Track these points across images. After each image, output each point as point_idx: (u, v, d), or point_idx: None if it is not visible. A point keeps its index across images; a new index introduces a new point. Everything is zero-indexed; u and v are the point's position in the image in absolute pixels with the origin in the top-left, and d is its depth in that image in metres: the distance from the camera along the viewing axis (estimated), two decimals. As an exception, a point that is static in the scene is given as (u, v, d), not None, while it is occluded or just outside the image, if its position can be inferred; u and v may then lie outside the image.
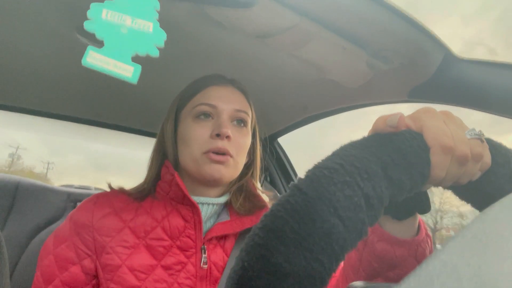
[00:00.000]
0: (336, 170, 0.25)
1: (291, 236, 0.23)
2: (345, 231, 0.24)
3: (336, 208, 0.24)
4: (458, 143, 0.30)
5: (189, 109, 0.70)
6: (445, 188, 0.34)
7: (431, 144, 0.30)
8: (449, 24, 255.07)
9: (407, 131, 0.30)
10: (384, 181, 0.26)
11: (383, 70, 0.74)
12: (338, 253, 0.24)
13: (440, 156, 0.29)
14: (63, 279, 0.62)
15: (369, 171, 0.26)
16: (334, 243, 0.23)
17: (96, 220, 0.64)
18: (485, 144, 0.32)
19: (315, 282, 0.23)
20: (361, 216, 0.25)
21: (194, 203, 0.65)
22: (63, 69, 0.95)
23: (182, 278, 0.61)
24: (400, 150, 0.28)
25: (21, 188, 1.05)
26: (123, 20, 0.45)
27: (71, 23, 0.74)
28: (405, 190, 0.28)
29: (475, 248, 0.18)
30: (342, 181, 0.25)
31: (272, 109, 1.14)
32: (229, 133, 0.65)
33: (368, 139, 0.29)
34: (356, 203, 0.24)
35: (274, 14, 0.62)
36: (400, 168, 0.27)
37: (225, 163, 0.65)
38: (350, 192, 0.24)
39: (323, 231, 0.23)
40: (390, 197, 0.27)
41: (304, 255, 0.23)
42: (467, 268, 0.17)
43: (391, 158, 0.27)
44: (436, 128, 0.30)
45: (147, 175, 0.72)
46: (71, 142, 6.86)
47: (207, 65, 0.87)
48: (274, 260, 0.22)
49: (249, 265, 0.23)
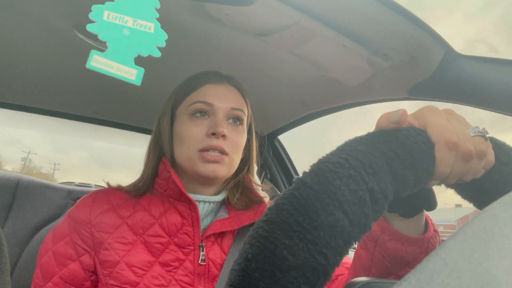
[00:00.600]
0: (341, 164, 0.25)
1: (296, 229, 0.23)
2: (349, 225, 0.24)
3: (340, 202, 0.24)
4: (462, 140, 0.30)
5: (185, 107, 0.70)
6: (448, 186, 0.34)
7: (435, 140, 0.30)
8: (451, 22, 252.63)
9: (411, 128, 0.30)
10: (388, 176, 0.26)
11: (383, 67, 0.74)
12: (342, 247, 0.24)
13: (445, 152, 0.29)
14: (62, 275, 0.62)
15: (374, 166, 0.26)
16: (338, 236, 0.23)
17: (94, 217, 0.65)
18: (489, 142, 0.32)
19: (319, 275, 0.23)
20: (366, 211, 0.25)
21: (192, 200, 0.65)
22: (64, 67, 0.95)
23: (180, 275, 0.62)
24: (405, 146, 0.28)
25: (22, 186, 1.05)
26: (125, 22, 0.46)
27: (71, 21, 0.74)
28: (409, 186, 0.28)
29: (476, 245, 0.18)
30: (347, 175, 0.25)
31: (273, 106, 1.14)
32: (225, 132, 0.65)
33: (373, 135, 0.29)
34: (360, 197, 0.24)
35: (274, 12, 0.62)
36: (405, 164, 0.27)
37: (220, 162, 0.65)
38: (355, 186, 0.24)
39: (328, 225, 0.23)
40: (394, 193, 0.27)
41: (308, 248, 0.23)
42: (467, 265, 0.17)
43: (396, 154, 0.27)
44: (440, 125, 0.30)
45: (143, 172, 0.72)
46: (75, 140, 6.85)
47: (207, 62, 0.87)
48: (278, 252, 0.22)
49: (253, 257, 0.23)
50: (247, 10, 0.62)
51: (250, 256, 0.23)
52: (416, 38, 0.63)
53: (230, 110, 0.69)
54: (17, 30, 0.79)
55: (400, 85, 0.78)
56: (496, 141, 0.33)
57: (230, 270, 0.24)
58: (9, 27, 0.77)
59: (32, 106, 1.22)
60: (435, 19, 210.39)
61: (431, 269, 0.17)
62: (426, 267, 0.17)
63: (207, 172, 0.65)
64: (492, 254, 0.17)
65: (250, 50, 0.80)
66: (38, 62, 0.93)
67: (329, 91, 0.95)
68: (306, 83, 0.94)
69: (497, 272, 0.16)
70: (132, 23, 0.46)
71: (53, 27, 0.76)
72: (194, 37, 0.77)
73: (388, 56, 0.70)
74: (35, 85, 1.07)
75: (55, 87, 1.08)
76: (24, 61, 0.93)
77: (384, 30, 0.63)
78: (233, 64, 0.87)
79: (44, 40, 0.82)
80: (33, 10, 0.71)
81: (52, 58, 0.91)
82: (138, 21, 0.46)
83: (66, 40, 0.80)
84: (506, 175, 0.31)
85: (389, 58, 0.71)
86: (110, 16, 0.45)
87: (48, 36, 0.80)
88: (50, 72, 0.99)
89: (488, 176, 0.32)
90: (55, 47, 0.85)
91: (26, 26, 0.77)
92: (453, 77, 0.66)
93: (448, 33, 70.80)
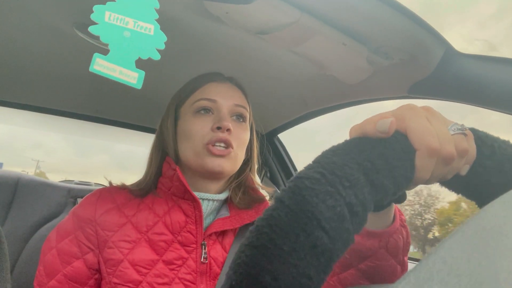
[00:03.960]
0: (318, 180, 0.25)
1: (276, 253, 0.22)
2: (330, 243, 0.23)
3: (319, 220, 0.23)
4: (444, 143, 0.29)
5: (189, 105, 0.70)
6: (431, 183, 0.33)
7: (417, 146, 0.28)
8: (464, 28, 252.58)
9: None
10: (367, 187, 0.26)
11: (383, 66, 0.74)
12: (325, 265, 0.23)
13: (426, 159, 0.28)
14: (66, 273, 0.63)
15: (350, 179, 0.25)
16: (320, 255, 0.23)
17: (99, 215, 0.65)
18: (470, 137, 0.30)
19: None
20: (346, 225, 0.24)
21: (196, 198, 0.65)
22: (65, 66, 0.95)
23: (182, 273, 0.62)
24: (382, 155, 0.27)
25: (22, 184, 1.05)
26: (125, 23, 0.46)
27: (72, 20, 0.73)
28: (389, 194, 0.28)
29: (475, 244, 0.18)
30: (323, 191, 0.24)
31: (272, 105, 1.14)
32: (230, 126, 0.66)
33: (348, 144, 0.28)
34: (339, 213, 0.24)
35: (274, 10, 0.62)
36: (383, 173, 0.27)
37: (226, 156, 0.66)
38: (332, 203, 0.24)
39: (308, 245, 0.23)
40: (374, 202, 0.27)
41: (291, 272, 0.22)
42: (466, 264, 0.17)
43: (372, 164, 0.27)
44: (421, 129, 0.29)
45: (146, 171, 0.72)
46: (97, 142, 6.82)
47: (207, 60, 0.87)
48: (261, 278, 0.22)
49: (237, 284, 0.23)
50: (247, 9, 0.62)
51: (234, 283, 0.23)
52: (416, 37, 0.63)
53: (233, 107, 0.70)
54: (17, 29, 0.79)
55: (400, 83, 0.78)
56: (478, 133, 0.32)
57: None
58: (10, 26, 0.77)
59: (36, 105, 1.22)
60: (449, 25, 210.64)
61: (430, 267, 0.17)
62: (426, 265, 0.17)
63: (214, 166, 0.65)
64: (492, 252, 0.17)
65: (250, 48, 0.80)
66: (39, 61, 0.93)
67: (329, 90, 0.95)
68: (306, 81, 0.94)
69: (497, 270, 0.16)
70: (133, 25, 0.47)
71: (52, 26, 0.76)
72: (194, 35, 0.77)
73: (388, 54, 0.70)
74: (36, 83, 1.07)
75: (57, 86, 1.08)
76: (24, 60, 0.93)
77: (384, 29, 0.63)
78: (233, 63, 0.87)
79: (45, 39, 0.82)
80: (35, 10, 0.71)
81: (52, 57, 0.91)
82: (139, 23, 0.47)
83: (67, 39, 0.80)
84: (490, 168, 0.31)
85: (389, 57, 0.71)
86: (112, 17, 0.46)
87: (48, 35, 0.80)
88: (50, 71, 0.98)
89: (471, 170, 0.31)
90: (55, 46, 0.85)
91: (27, 25, 0.77)
92: (453, 76, 0.66)
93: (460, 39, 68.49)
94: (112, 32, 0.46)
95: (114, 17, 0.46)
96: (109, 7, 0.46)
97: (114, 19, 0.46)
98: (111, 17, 0.46)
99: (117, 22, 0.46)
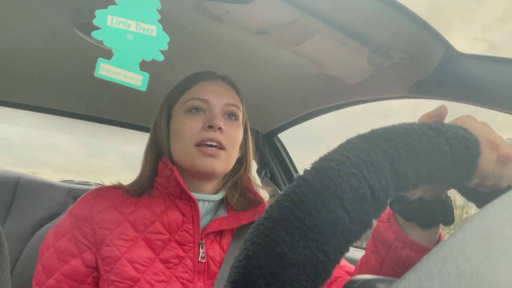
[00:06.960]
0: (343, 162, 0.25)
1: (297, 226, 0.23)
2: (350, 223, 0.24)
3: (341, 199, 0.24)
4: (502, 143, 0.33)
5: (180, 104, 0.70)
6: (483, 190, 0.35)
7: (479, 139, 0.31)
8: (469, 32, 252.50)
9: (417, 126, 0.30)
10: (390, 174, 0.26)
11: (383, 65, 0.74)
12: (343, 244, 0.24)
13: (488, 151, 0.31)
14: (64, 271, 0.63)
15: (375, 164, 0.26)
16: (339, 234, 0.23)
17: (96, 213, 0.65)
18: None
19: (319, 272, 0.23)
20: (367, 208, 0.25)
21: (193, 197, 0.65)
22: (66, 65, 0.95)
23: (180, 272, 0.62)
24: (407, 144, 0.28)
25: (22, 184, 1.05)
26: (128, 26, 0.47)
27: (72, 20, 0.73)
28: (410, 184, 0.28)
29: (476, 244, 0.18)
30: (348, 173, 0.25)
31: (272, 105, 1.13)
32: (221, 125, 0.66)
33: (375, 133, 0.29)
34: (361, 195, 0.24)
35: (274, 9, 0.62)
36: (407, 162, 0.27)
37: (217, 156, 0.65)
38: (356, 184, 0.24)
39: (329, 222, 0.23)
40: (395, 191, 0.27)
41: (309, 245, 0.23)
42: (467, 264, 0.17)
43: (397, 152, 0.27)
44: (481, 127, 0.33)
45: (141, 171, 0.72)
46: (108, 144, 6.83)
47: (207, 60, 0.87)
48: (279, 249, 0.22)
49: (254, 254, 0.23)
50: (247, 8, 0.62)
51: (251, 253, 0.23)
52: (417, 37, 0.63)
53: (225, 106, 0.70)
54: (17, 29, 0.78)
55: (400, 83, 0.78)
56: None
57: (230, 267, 0.24)
58: (10, 26, 0.77)
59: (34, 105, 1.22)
60: (455, 29, 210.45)
61: (431, 267, 0.17)
62: (426, 265, 0.17)
63: (205, 166, 0.65)
64: (492, 252, 0.17)
65: (250, 48, 0.80)
66: (39, 60, 0.93)
67: (329, 89, 0.95)
68: (306, 81, 0.94)
69: (497, 270, 0.16)
70: (136, 27, 0.47)
71: (52, 25, 0.76)
72: (195, 34, 0.77)
73: (388, 54, 0.70)
74: (36, 83, 1.07)
75: (57, 85, 1.08)
76: (23, 59, 0.93)
77: (385, 29, 0.63)
78: (233, 62, 0.87)
79: (45, 38, 0.82)
80: (37, 10, 0.71)
81: (52, 56, 0.91)
82: (141, 25, 0.47)
83: (67, 38, 0.80)
84: None
85: (389, 57, 0.71)
86: (114, 21, 0.46)
87: (48, 34, 0.80)
88: (51, 70, 0.98)
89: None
90: (56, 45, 0.85)
91: (27, 25, 0.77)
92: (453, 75, 0.66)
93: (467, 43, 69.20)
94: (115, 36, 0.46)
95: (117, 21, 0.46)
96: (111, 11, 0.46)
97: (116, 22, 0.46)
98: (114, 21, 0.46)
99: (120, 26, 0.46)
